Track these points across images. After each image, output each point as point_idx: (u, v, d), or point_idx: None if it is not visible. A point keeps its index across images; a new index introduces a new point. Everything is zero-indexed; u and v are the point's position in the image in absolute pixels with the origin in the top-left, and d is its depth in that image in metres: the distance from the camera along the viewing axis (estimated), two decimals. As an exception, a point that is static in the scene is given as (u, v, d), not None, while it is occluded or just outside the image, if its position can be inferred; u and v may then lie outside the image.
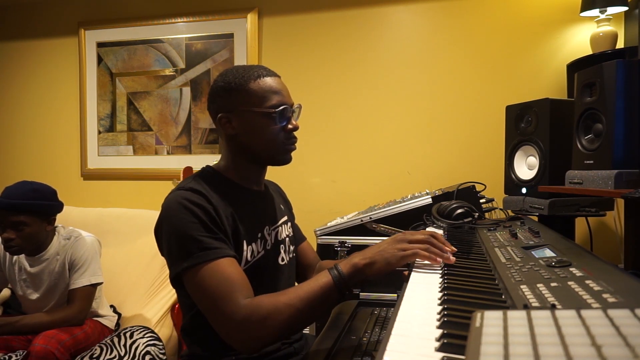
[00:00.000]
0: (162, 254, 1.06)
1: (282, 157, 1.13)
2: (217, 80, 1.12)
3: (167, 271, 1.03)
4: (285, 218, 1.27)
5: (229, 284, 0.93)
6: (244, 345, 0.92)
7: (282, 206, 1.29)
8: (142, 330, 1.99)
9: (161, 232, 1.03)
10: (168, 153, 2.86)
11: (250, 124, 1.08)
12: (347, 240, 1.70)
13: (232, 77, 1.09)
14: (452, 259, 0.93)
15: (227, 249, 0.99)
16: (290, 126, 1.11)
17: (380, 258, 0.94)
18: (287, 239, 1.23)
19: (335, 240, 1.72)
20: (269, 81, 1.10)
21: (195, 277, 0.94)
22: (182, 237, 0.97)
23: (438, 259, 0.93)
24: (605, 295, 0.59)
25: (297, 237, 1.34)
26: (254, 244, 1.10)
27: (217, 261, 0.95)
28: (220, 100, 1.10)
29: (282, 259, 1.18)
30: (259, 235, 1.13)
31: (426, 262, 0.94)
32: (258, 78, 1.09)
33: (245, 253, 1.07)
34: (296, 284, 1.28)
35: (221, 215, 1.02)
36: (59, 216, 1.92)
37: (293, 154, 1.15)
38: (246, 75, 1.08)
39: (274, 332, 0.90)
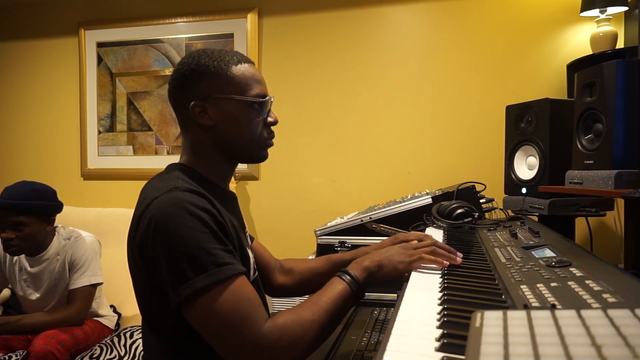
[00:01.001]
0: (148, 275, 0.87)
1: (261, 154, 1.02)
2: (187, 62, 0.96)
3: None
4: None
5: (248, 307, 0.81)
6: None
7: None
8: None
9: (154, 245, 0.83)
10: (168, 153, 2.86)
11: (231, 113, 0.95)
12: (347, 240, 1.70)
13: (208, 60, 0.95)
14: (459, 259, 0.93)
15: (239, 263, 0.85)
16: (271, 119, 1.01)
17: (388, 263, 0.93)
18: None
19: (335, 240, 1.72)
20: (250, 68, 0.98)
21: (210, 300, 0.79)
22: (192, 250, 0.80)
23: (445, 262, 0.93)
24: (605, 295, 0.59)
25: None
26: (250, 252, 1.03)
27: (234, 279, 0.82)
28: (192, 85, 0.95)
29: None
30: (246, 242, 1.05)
31: (432, 265, 0.94)
32: (239, 63, 0.96)
33: (252, 263, 0.99)
34: None
35: (227, 221, 0.90)
36: (59, 216, 1.92)
37: (294, 153, 1.13)
38: (226, 59, 0.96)
39: (303, 352, 0.82)
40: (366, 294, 0.92)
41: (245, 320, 0.79)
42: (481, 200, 1.69)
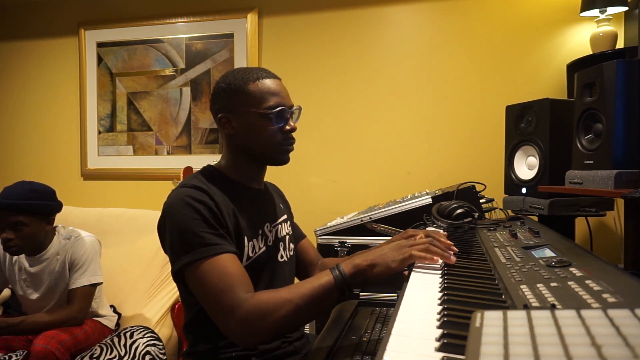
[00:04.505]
0: (165, 250, 1.08)
1: (280, 158, 1.16)
2: (219, 81, 1.16)
3: (167, 271, 1.04)
4: (285, 217, 1.29)
5: (230, 279, 0.95)
6: (243, 339, 0.94)
7: (281, 205, 1.32)
8: (142, 330, 1.99)
9: (164, 228, 1.06)
10: (168, 153, 2.86)
11: (248, 124, 1.12)
12: (347, 240, 1.70)
13: (232, 79, 1.13)
14: (453, 258, 0.93)
15: (228, 244, 1.01)
16: (287, 127, 1.14)
17: (381, 261, 0.95)
18: (287, 236, 1.26)
19: (335, 240, 1.72)
20: (267, 83, 1.13)
21: (197, 272, 0.97)
22: (184, 232, 0.99)
23: (435, 257, 0.94)
24: (605, 295, 0.59)
25: (297, 235, 1.37)
26: (255, 240, 1.13)
27: (218, 257, 0.97)
28: (220, 101, 1.14)
29: (282, 256, 1.21)
30: (260, 232, 1.15)
31: (432, 264, 0.94)
32: (257, 80, 1.12)
33: (246, 249, 1.10)
34: (296, 280, 1.29)
35: (223, 211, 1.05)
36: (59, 216, 1.92)
37: (293, 153, 1.17)
38: (245, 77, 1.12)
39: (273, 327, 0.92)
40: (366, 294, 0.93)
41: (224, 290, 0.93)
42: (481, 200, 1.69)
